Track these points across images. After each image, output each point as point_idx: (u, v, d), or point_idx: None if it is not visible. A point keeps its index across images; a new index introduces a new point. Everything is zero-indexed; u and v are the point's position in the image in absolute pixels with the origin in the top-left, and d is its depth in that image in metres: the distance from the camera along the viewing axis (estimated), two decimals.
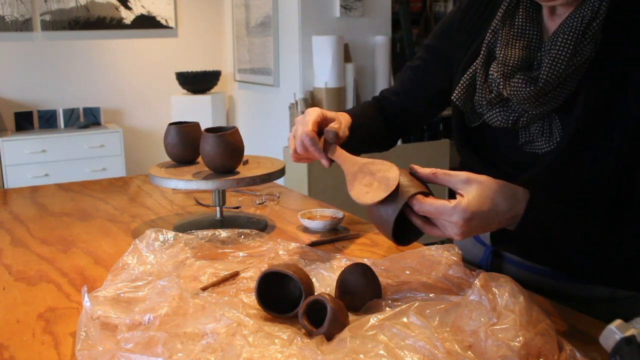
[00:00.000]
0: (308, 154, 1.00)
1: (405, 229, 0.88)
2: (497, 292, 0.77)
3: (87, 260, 1.16)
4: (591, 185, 0.89)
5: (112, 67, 4.20)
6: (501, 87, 0.93)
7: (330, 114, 1.04)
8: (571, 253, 0.86)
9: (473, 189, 0.81)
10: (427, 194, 0.84)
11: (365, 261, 1.04)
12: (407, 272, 1.00)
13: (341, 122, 1.03)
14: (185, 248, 1.09)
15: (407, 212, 0.84)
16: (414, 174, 0.87)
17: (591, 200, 0.90)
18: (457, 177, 0.83)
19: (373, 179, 0.88)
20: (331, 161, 1.00)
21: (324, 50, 3.15)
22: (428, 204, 0.81)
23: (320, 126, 1.01)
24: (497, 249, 1.07)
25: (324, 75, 3.16)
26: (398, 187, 0.84)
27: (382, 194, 0.84)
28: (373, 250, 1.19)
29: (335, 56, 3.13)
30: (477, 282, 0.78)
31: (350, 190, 0.89)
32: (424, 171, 0.86)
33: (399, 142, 3.32)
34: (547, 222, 0.84)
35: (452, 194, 0.87)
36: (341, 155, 0.97)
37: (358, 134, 1.11)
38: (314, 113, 1.01)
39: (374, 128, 1.20)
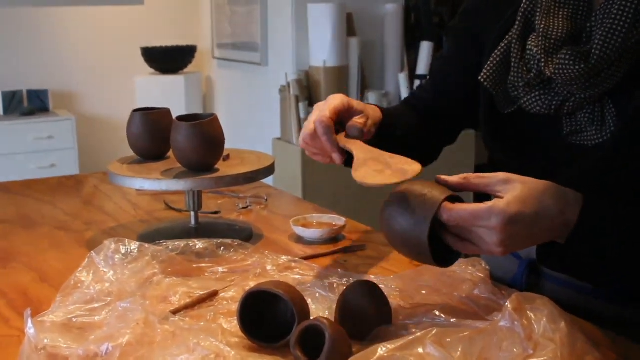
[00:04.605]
0: (317, 145, 1.00)
1: (438, 245, 0.87)
2: (533, 316, 0.76)
3: (31, 277, 1.15)
4: None
5: (62, 41, 4.19)
6: (542, 64, 0.94)
7: (357, 104, 1.04)
8: (635, 270, 0.86)
9: (514, 189, 0.81)
10: (458, 199, 0.84)
11: (372, 279, 1.04)
12: (424, 292, 1.00)
13: (368, 116, 1.02)
14: (152, 262, 1.09)
15: (436, 226, 0.84)
16: (442, 185, 0.87)
17: None
18: (494, 178, 0.83)
19: (387, 167, 0.87)
20: (345, 158, 0.99)
21: (322, 22, 3.14)
22: (459, 210, 0.81)
23: (342, 116, 1.01)
24: (544, 265, 1.07)
25: (322, 52, 3.16)
26: (425, 198, 0.83)
27: (393, 179, 0.84)
28: (381, 265, 1.19)
29: (335, 29, 3.13)
30: (508, 304, 0.77)
31: (354, 172, 0.89)
32: (453, 179, 0.86)
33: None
34: (607, 230, 0.84)
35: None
36: (355, 144, 0.97)
37: (388, 132, 1.09)
38: (336, 99, 1.01)
39: (408, 132, 1.18)
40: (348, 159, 0.99)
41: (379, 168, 0.88)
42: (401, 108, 1.24)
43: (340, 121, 1.01)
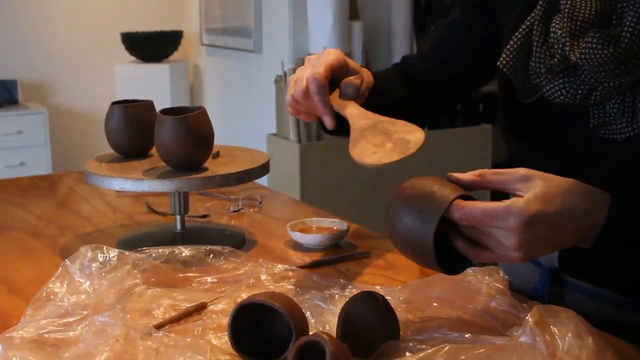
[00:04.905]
0: (308, 105, 1.00)
1: (448, 251, 0.87)
2: (556, 331, 0.76)
3: None
4: None
5: (33, 26, 4.19)
6: (567, 48, 0.94)
7: (353, 63, 1.04)
8: None
9: (535, 186, 0.81)
10: (470, 198, 0.84)
11: (378, 289, 1.04)
12: (435, 304, 1.00)
13: (363, 78, 1.02)
14: (134, 271, 1.09)
15: (447, 230, 0.84)
16: (454, 183, 0.86)
17: None
18: (513, 175, 0.83)
19: (387, 139, 0.87)
20: (336, 121, 0.98)
21: (322, 4, 3.15)
22: (472, 208, 0.81)
23: (336, 74, 1.01)
24: (567, 273, 1.07)
25: (323, 38, 3.16)
26: (434, 195, 0.82)
27: (394, 156, 0.83)
28: (388, 274, 1.19)
29: (337, 12, 3.13)
30: (529, 317, 0.77)
31: (352, 147, 0.88)
32: (466, 176, 0.86)
33: (425, 129, 3.32)
34: (639, 234, 0.84)
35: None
36: (350, 106, 0.97)
37: (379, 102, 1.09)
38: (332, 55, 1.01)
39: (400, 100, 1.19)
40: (339, 124, 0.99)
41: (377, 140, 0.87)
42: (392, 74, 1.24)
43: (333, 79, 1.01)
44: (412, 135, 0.86)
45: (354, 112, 0.95)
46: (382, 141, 0.87)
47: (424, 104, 1.24)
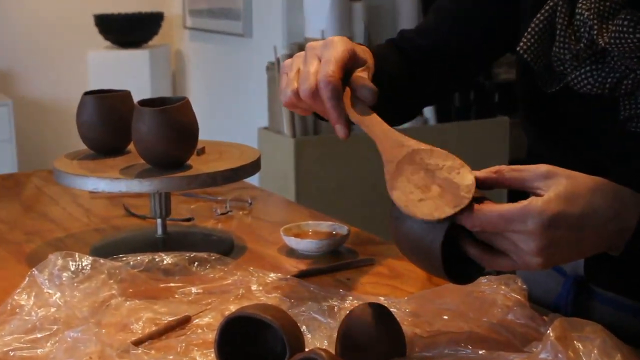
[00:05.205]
0: (314, 106, 0.97)
1: (459, 257, 0.87)
2: (581, 347, 0.76)
3: None
4: None
5: None
6: (595, 32, 0.94)
7: (361, 51, 1.01)
8: None
9: (558, 184, 0.81)
10: (483, 199, 0.83)
11: (382, 301, 1.03)
12: (445, 317, 1.00)
13: (370, 67, 1.00)
14: (109, 281, 1.09)
15: (457, 233, 0.84)
16: None
17: None
18: (534, 172, 0.83)
19: (431, 179, 0.85)
20: (350, 132, 0.96)
21: None
22: (487, 211, 0.80)
23: (346, 68, 0.97)
24: (594, 283, 1.06)
25: (320, 20, 3.16)
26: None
27: (447, 209, 0.82)
28: (393, 283, 1.18)
29: None
30: (550, 332, 0.77)
31: (391, 187, 0.86)
32: (481, 173, 0.85)
33: (433, 122, 3.32)
34: None
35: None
36: (375, 124, 0.93)
37: (377, 85, 1.06)
38: (339, 46, 0.97)
39: (396, 81, 1.17)
40: None
41: (420, 180, 0.84)
42: (387, 50, 1.22)
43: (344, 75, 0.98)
44: (461, 178, 0.83)
45: (379, 133, 0.92)
46: (426, 182, 0.85)
47: (424, 83, 1.23)
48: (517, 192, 0.87)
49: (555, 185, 0.81)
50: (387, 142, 0.91)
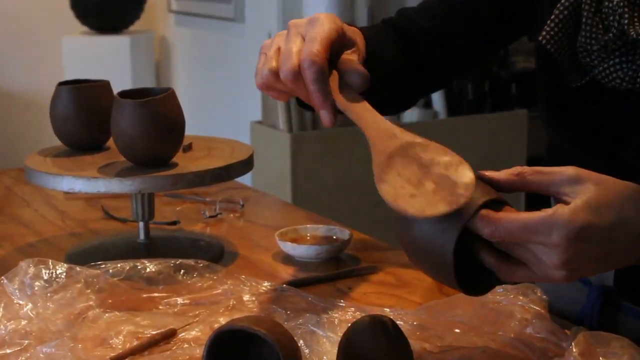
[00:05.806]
0: (296, 89, 0.96)
1: (473, 265, 0.86)
2: None
3: None
4: None
5: None
6: (625, 21, 0.94)
7: (349, 30, 1.00)
8: None
9: (586, 191, 0.80)
10: (502, 203, 0.83)
11: (387, 312, 1.04)
12: (457, 330, 1.00)
13: (360, 49, 1.00)
14: (86, 291, 1.09)
15: (470, 239, 0.83)
16: (486, 183, 0.86)
17: None
18: (560, 176, 0.82)
19: (425, 174, 0.85)
20: (336, 119, 0.95)
21: None
22: (508, 221, 0.80)
23: (333, 49, 0.96)
24: (624, 298, 1.07)
25: (319, 4, 3.16)
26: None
27: (441, 207, 0.81)
28: (400, 293, 1.19)
29: None
30: (573, 346, 0.78)
31: (380, 180, 0.86)
32: (501, 175, 0.85)
33: (443, 115, 3.32)
34: None
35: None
36: (365, 111, 0.93)
37: (369, 69, 1.06)
38: (327, 23, 0.96)
39: (391, 66, 1.17)
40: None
41: (412, 174, 0.84)
42: (381, 32, 1.22)
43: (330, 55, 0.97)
44: (458, 175, 0.83)
45: (369, 122, 0.92)
46: (419, 177, 0.84)
47: (422, 69, 1.23)
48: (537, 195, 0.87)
49: (583, 193, 0.81)
50: (378, 132, 0.91)
